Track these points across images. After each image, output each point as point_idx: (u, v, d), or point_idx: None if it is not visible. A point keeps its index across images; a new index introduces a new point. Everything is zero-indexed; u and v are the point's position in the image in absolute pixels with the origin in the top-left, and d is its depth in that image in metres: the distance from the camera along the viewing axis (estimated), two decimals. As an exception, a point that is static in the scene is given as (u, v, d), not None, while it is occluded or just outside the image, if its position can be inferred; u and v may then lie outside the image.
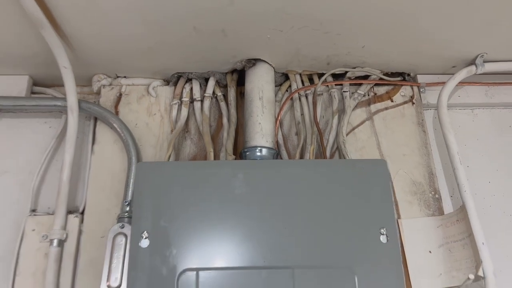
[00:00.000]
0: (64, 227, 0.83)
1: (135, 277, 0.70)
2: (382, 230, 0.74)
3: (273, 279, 0.71)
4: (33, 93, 1.00)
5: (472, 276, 0.77)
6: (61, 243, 0.82)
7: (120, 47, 0.90)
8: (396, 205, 0.90)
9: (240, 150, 0.89)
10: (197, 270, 0.71)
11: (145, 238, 0.72)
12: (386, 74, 1.01)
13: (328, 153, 0.92)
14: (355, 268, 0.71)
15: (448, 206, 0.92)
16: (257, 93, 0.90)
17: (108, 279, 0.76)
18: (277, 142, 0.93)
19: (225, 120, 0.95)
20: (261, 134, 0.87)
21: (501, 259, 0.88)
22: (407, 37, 0.90)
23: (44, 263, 0.81)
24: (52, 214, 0.85)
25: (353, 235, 0.74)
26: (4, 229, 0.87)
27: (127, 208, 0.83)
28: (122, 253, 0.78)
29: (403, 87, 1.02)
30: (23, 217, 0.86)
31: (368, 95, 1.01)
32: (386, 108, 0.99)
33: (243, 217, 0.74)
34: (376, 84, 1.01)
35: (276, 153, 0.87)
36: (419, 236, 0.88)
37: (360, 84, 1.00)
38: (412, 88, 1.01)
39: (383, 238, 0.74)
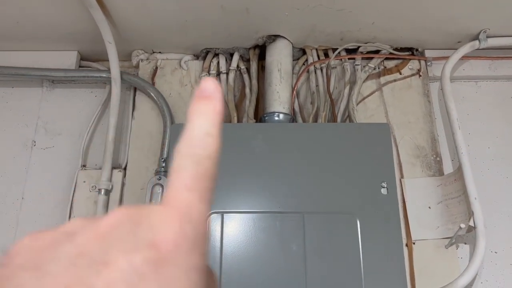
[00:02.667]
0: (110, 180, 0.98)
1: (170, 218, 0.84)
2: (383, 184, 0.85)
3: (286, 222, 0.83)
4: (80, 67, 1.15)
5: (463, 225, 0.87)
6: (107, 192, 0.97)
7: (156, 25, 1.02)
8: (400, 166, 1.00)
9: (260, 116, 1.00)
10: (222, 213, 0.83)
11: (179, 186, 0.85)
12: (396, 49, 1.10)
13: (339, 119, 1.03)
14: (357, 214, 0.82)
15: (449, 169, 1.02)
16: (276, 65, 1.01)
17: (147, 222, 0.90)
18: (293, 110, 1.04)
19: (247, 90, 1.07)
20: (279, 102, 0.98)
21: (495, 216, 0.97)
22: (414, 14, 0.98)
23: (93, 209, 0.96)
24: (100, 169, 0.99)
25: (357, 187, 0.85)
26: (61, 181, 1.02)
27: (163, 164, 0.96)
28: (159, 200, 0.91)
29: (411, 61, 1.11)
30: (75, 171, 1.01)
31: (379, 68, 1.10)
32: (395, 80, 1.09)
33: (262, 170, 0.86)
34: (386, 58, 1.11)
35: (291, 118, 0.99)
36: (420, 193, 0.98)
37: (371, 58, 1.10)
38: (420, 62, 1.10)
39: (383, 191, 0.85)
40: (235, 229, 0.82)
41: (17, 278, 0.19)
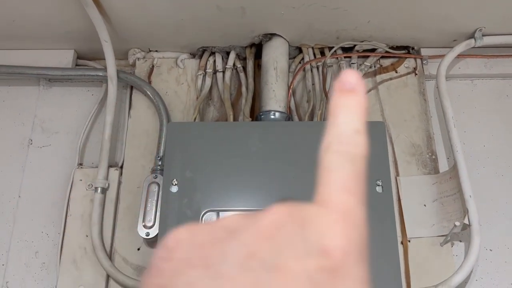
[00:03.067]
0: (106, 178, 0.98)
1: (167, 216, 0.84)
2: (378, 182, 0.85)
3: (282, 220, 0.83)
4: (77, 65, 1.15)
5: (458, 223, 0.87)
6: (104, 191, 0.97)
7: (153, 24, 1.03)
8: (396, 164, 1.00)
9: (256, 114, 1.01)
10: (218, 211, 0.84)
11: (175, 185, 0.85)
12: (392, 48, 1.10)
13: (335, 118, 1.03)
14: (352, 212, 0.83)
15: (444, 167, 1.02)
16: (272, 63, 1.02)
17: (143, 220, 0.90)
18: (289, 108, 1.04)
19: (243, 88, 1.07)
20: (275, 100, 0.99)
21: (490, 213, 0.98)
22: (409, 13, 0.99)
23: (90, 207, 0.96)
24: (96, 167, 0.99)
25: (352, 185, 0.85)
26: (57, 179, 1.02)
27: (159, 162, 0.97)
28: (155, 198, 0.92)
29: (407, 59, 1.11)
30: (72, 170, 1.01)
31: (374, 66, 1.11)
32: (391, 79, 1.09)
33: (257, 169, 0.86)
34: (382, 57, 1.11)
35: (287, 117, 0.99)
36: (415, 191, 0.98)
37: (367, 57, 1.10)
38: (416, 61, 1.11)
39: (378, 189, 0.85)
40: (230, 227, 0.82)
41: (187, 275, 0.18)
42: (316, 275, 0.17)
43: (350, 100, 0.22)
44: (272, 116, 0.97)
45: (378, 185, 0.85)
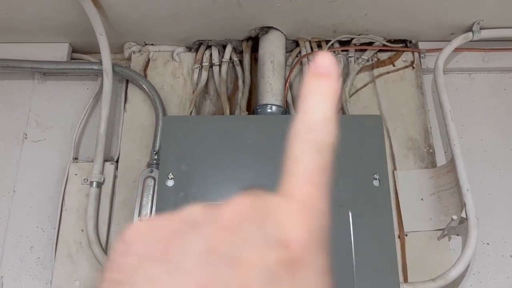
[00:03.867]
0: (102, 172, 0.97)
1: (162, 210, 0.83)
2: (375, 176, 0.85)
3: (278, 214, 0.82)
4: (72, 59, 1.14)
5: (455, 217, 0.87)
6: (99, 185, 0.96)
7: (148, 17, 1.01)
8: (393, 158, 1.00)
9: (253, 108, 1.00)
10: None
11: (171, 178, 0.84)
12: (389, 41, 1.10)
13: (332, 112, 1.03)
14: (349, 206, 0.82)
15: (442, 161, 1.02)
16: (269, 57, 1.01)
17: (139, 214, 0.90)
18: (286, 102, 1.03)
19: (240, 82, 1.07)
20: (272, 94, 0.98)
21: (487, 207, 0.98)
22: (407, 6, 0.98)
23: (85, 201, 0.95)
24: (91, 161, 0.99)
25: (349, 179, 0.84)
26: (52, 174, 1.01)
27: (155, 156, 0.96)
28: (151, 192, 0.91)
29: (404, 53, 1.10)
30: (67, 164, 1.00)
31: (372, 60, 1.10)
32: (388, 72, 1.08)
33: (253, 162, 0.86)
34: (380, 50, 1.10)
35: (284, 110, 0.98)
36: (413, 185, 0.98)
37: (365, 50, 1.09)
38: (413, 54, 1.10)
39: (375, 182, 0.84)
40: (227, 221, 0.82)
41: (146, 270, 0.18)
42: (276, 267, 0.17)
43: (322, 85, 0.21)
44: (269, 110, 0.97)
45: (375, 179, 0.84)
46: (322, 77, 0.21)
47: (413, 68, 1.09)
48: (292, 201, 0.19)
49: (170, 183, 0.84)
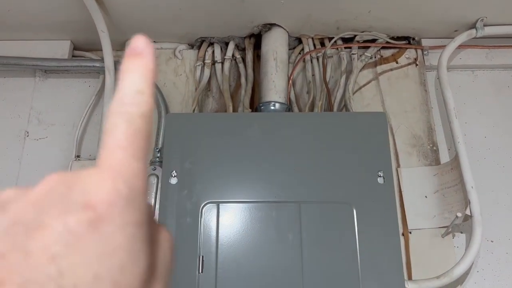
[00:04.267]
0: (104, 170, 0.96)
1: (166, 208, 0.83)
2: (379, 173, 0.84)
3: (282, 212, 0.82)
4: (74, 56, 1.13)
5: (460, 214, 0.87)
6: (102, 183, 0.96)
7: (150, 14, 1.01)
8: (397, 155, 1.00)
9: (256, 105, 1.00)
10: (218, 203, 0.83)
11: (174, 176, 0.84)
12: (392, 38, 1.09)
13: (335, 109, 1.02)
14: (354, 203, 0.82)
15: (445, 158, 1.01)
16: (272, 54, 1.00)
17: (142, 212, 0.89)
18: (289, 99, 1.03)
19: (243, 79, 1.06)
20: (275, 91, 0.97)
21: (491, 204, 0.97)
22: (410, 3, 0.98)
23: (88, 200, 0.95)
24: (94, 159, 0.98)
25: (353, 176, 0.84)
26: (54, 172, 1.00)
27: (158, 154, 0.95)
28: (154, 190, 0.91)
29: (407, 50, 1.10)
30: (69, 162, 1.00)
31: (375, 57, 1.09)
32: (391, 69, 1.08)
33: (257, 160, 0.85)
34: (383, 47, 1.10)
35: (288, 108, 0.98)
36: (417, 183, 0.97)
37: (368, 47, 1.09)
38: (416, 51, 1.10)
39: (380, 180, 0.84)
40: (231, 219, 0.81)
41: None
42: (77, 227, 0.18)
43: (137, 63, 0.23)
44: (272, 107, 0.96)
45: (380, 176, 0.84)
46: (137, 56, 0.23)
47: (417, 65, 1.08)
48: (100, 168, 0.20)
49: (173, 180, 0.84)
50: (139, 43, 0.24)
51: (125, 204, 0.19)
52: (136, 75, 0.23)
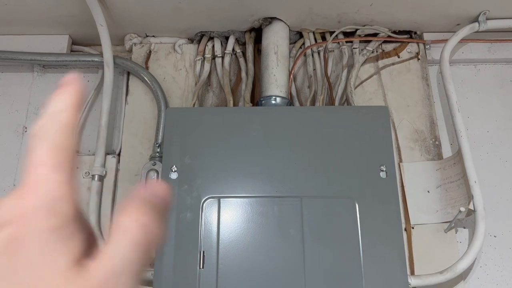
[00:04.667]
0: (104, 165, 0.96)
1: (166, 203, 0.82)
2: (382, 167, 0.83)
3: (284, 207, 0.81)
4: (72, 51, 1.12)
5: (463, 209, 0.86)
6: (101, 178, 0.95)
7: (149, 8, 1.00)
8: (399, 150, 0.99)
9: (257, 100, 0.98)
10: (219, 198, 0.82)
11: (175, 171, 0.83)
12: (394, 32, 1.08)
13: (337, 103, 1.01)
14: (356, 198, 0.81)
15: (448, 153, 1.00)
16: (273, 48, 0.99)
17: (142, 208, 0.88)
18: (290, 94, 1.02)
19: (243, 74, 1.05)
20: (276, 85, 0.96)
21: (494, 200, 0.97)
22: (412, -4, 0.97)
23: (87, 196, 0.94)
24: (93, 154, 0.97)
25: (355, 171, 0.83)
26: (52, 167, 1.00)
27: (158, 149, 0.94)
28: (154, 186, 0.89)
29: (409, 44, 1.09)
30: (68, 157, 0.98)
31: (377, 51, 1.08)
32: (393, 64, 1.07)
33: (259, 155, 0.84)
34: (384, 41, 1.09)
35: (289, 102, 0.97)
36: (419, 177, 0.97)
37: (369, 41, 1.08)
38: (418, 45, 1.09)
39: (382, 174, 0.83)
40: (232, 214, 0.80)
41: None
42: None
43: (61, 91, 0.25)
44: (273, 102, 0.95)
45: (382, 171, 0.83)
46: (65, 85, 0.25)
47: (418, 59, 1.07)
48: (21, 185, 0.22)
49: (173, 175, 0.83)
50: (68, 78, 0.26)
51: (40, 213, 0.21)
52: (58, 98, 0.24)
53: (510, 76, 1.09)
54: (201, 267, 0.77)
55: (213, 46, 1.08)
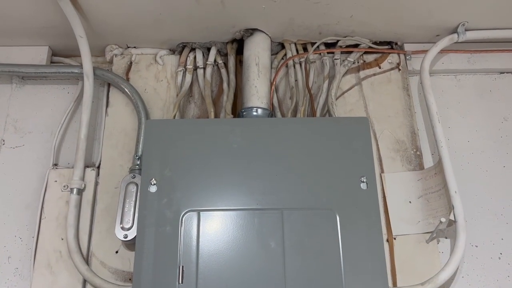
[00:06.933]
0: (82, 179, 0.94)
1: (145, 217, 0.80)
2: (362, 178, 0.83)
3: (265, 219, 0.80)
4: (52, 62, 1.10)
5: (443, 220, 0.86)
6: (80, 192, 0.93)
7: (130, 19, 0.99)
8: (380, 160, 0.99)
9: (238, 111, 0.98)
10: (199, 211, 0.81)
11: (153, 184, 0.82)
12: (375, 43, 1.09)
13: (318, 114, 1.01)
14: (337, 209, 0.81)
15: (429, 163, 1.01)
16: (254, 59, 0.99)
17: (121, 222, 0.87)
18: (272, 105, 1.02)
19: (225, 85, 1.05)
20: (257, 96, 0.96)
21: (474, 209, 0.97)
22: (391, 7, 0.97)
23: (65, 209, 0.92)
24: (72, 167, 0.95)
25: (336, 182, 0.83)
26: (31, 181, 0.98)
27: (138, 162, 0.93)
28: (133, 199, 0.88)
29: (390, 55, 1.10)
30: (46, 170, 0.97)
31: (358, 62, 1.09)
32: (374, 74, 1.08)
33: (239, 167, 0.84)
34: (366, 52, 1.09)
35: (270, 113, 0.96)
36: (400, 188, 0.97)
37: (351, 52, 1.08)
38: (399, 56, 1.09)
39: (363, 185, 0.83)
40: (212, 227, 0.80)
41: None
42: None
43: None
44: (255, 113, 0.95)
45: (363, 182, 0.83)
46: None
47: (399, 70, 1.08)
48: None
49: (153, 189, 0.82)
50: None
51: None
52: None
53: (490, 86, 1.10)
54: (180, 282, 0.76)
55: (194, 57, 1.08)
